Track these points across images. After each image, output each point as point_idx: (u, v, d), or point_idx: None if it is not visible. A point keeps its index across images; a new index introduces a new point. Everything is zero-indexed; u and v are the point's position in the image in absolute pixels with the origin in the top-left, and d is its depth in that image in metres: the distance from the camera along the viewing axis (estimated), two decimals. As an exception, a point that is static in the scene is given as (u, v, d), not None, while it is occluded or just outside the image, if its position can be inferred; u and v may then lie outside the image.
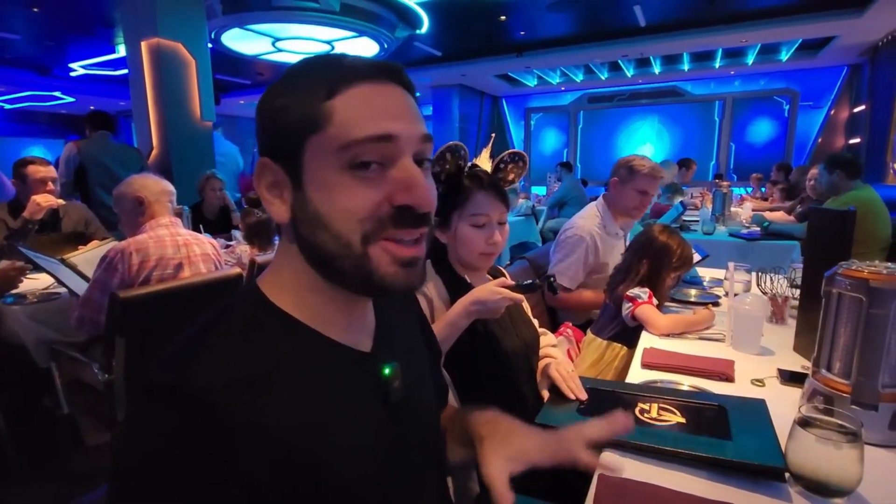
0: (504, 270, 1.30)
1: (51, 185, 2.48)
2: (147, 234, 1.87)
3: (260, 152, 0.53)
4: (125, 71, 4.63)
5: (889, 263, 0.86)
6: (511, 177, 1.23)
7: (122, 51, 7.06)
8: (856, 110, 7.84)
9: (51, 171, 2.52)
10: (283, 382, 0.48)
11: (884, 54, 6.55)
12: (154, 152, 4.17)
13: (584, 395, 1.05)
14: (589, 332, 1.69)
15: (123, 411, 1.72)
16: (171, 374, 0.45)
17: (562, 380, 1.09)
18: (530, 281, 1.11)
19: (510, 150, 1.21)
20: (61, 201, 2.50)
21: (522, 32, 7.00)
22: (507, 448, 0.64)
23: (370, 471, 0.53)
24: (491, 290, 1.04)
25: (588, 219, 2.12)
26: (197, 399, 0.43)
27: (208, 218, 3.56)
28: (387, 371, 0.57)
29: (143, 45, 4.08)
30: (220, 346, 0.48)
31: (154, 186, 1.93)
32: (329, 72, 0.50)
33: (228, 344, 0.48)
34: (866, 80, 7.33)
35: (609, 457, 0.85)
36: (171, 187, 1.99)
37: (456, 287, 1.15)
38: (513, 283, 1.08)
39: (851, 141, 7.85)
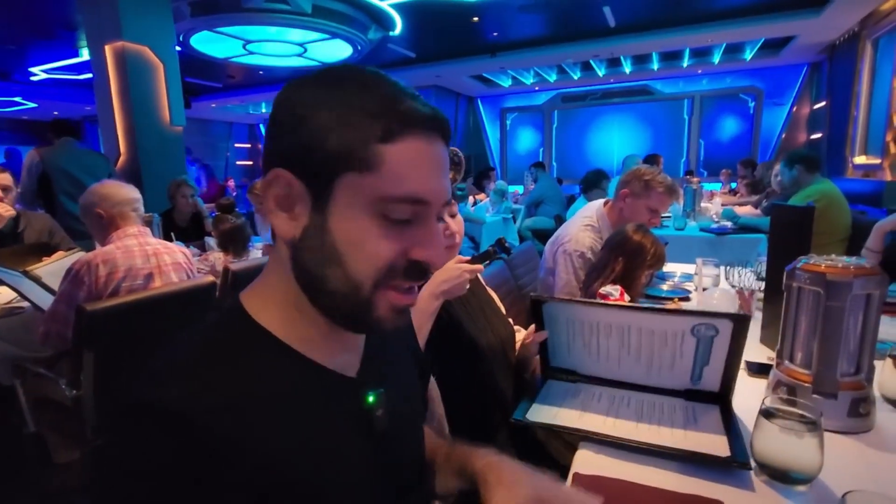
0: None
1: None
2: (114, 244, 1.83)
3: (271, 158, 0.48)
4: (89, 75, 4.49)
5: (845, 257, 0.89)
6: (451, 176, 1.23)
7: (85, 54, 6.84)
8: (816, 107, 8.03)
9: (3, 179, 2.43)
10: (265, 407, 0.47)
11: (841, 52, 6.74)
12: (122, 158, 4.06)
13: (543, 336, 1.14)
14: (564, 330, 1.71)
15: (93, 427, 1.67)
16: (150, 394, 0.44)
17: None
18: (483, 252, 1.14)
19: None
20: (11, 211, 2.41)
21: (495, 33, 7.04)
22: (516, 498, 0.61)
23: (352, 501, 0.52)
24: (450, 268, 1.07)
25: (585, 231, 1.96)
26: (178, 421, 0.42)
27: (180, 225, 3.47)
28: (371, 399, 0.55)
29: (108, 48, 3.96)
30: (199, 367, 0.46)
31: (114, 196, 1.87)
32: (387, 108, 0.46)
33: (209, 364, 0.47)
34: (825, 78, 7.52)
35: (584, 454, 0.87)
36: (134, 194, 1.93)
37: None
38: (468, 257, 1.10)
39: (813, 136, 8.05)
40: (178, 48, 4.44)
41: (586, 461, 0.85)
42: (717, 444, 0.84)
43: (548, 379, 1.14)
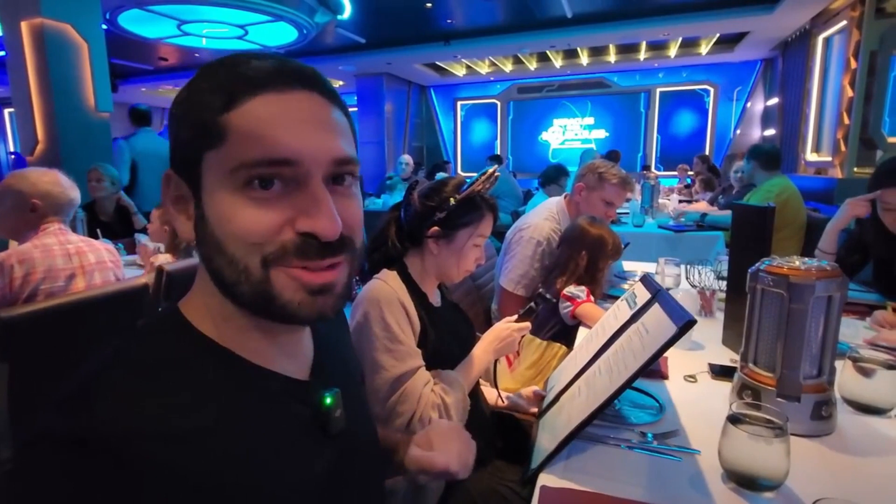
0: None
1: None
2: (31, 242, 1.68)
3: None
4: (1, 53, 4.07)
5: (806, 259, 0.89)
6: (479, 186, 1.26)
7: (-3, 30, 6.20)
8: (770, 103, 8.18)
9: None
10: (208, 422, 0.43)
11: (793, 49, 6.89)
12: (40, 147, 3.69)
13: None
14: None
15: (8, 448, 1.51)
16: (71, 419, 0.38)
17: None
18: (527, 308, 1.25)
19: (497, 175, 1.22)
20: None
21: (450, 20, 6.93)
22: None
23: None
24: (502, 329, 1.18)
25: (545, 220, 1.98)
26: (103, 449, 0.37)
27: (102, 220, 3.14)
28: (327, 401, 0.53)
29: (24, 25, 3.59)
30: (131, 383, 0.42)
31: (58, 196, 1.72)
32: (228, 78, 0.45)
33: (142, 379, 0.43)
34: (778, 74, 7.65)
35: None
36: (74, 193, 1.79)
37: (419, 298, 1.15)
38: (515, 316, 1.22)
39: (767, 133, 8.18)
40: (104, 26, 4.07)
41: (554, 474, 0.82)
42: (665, 332, 0.80)
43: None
